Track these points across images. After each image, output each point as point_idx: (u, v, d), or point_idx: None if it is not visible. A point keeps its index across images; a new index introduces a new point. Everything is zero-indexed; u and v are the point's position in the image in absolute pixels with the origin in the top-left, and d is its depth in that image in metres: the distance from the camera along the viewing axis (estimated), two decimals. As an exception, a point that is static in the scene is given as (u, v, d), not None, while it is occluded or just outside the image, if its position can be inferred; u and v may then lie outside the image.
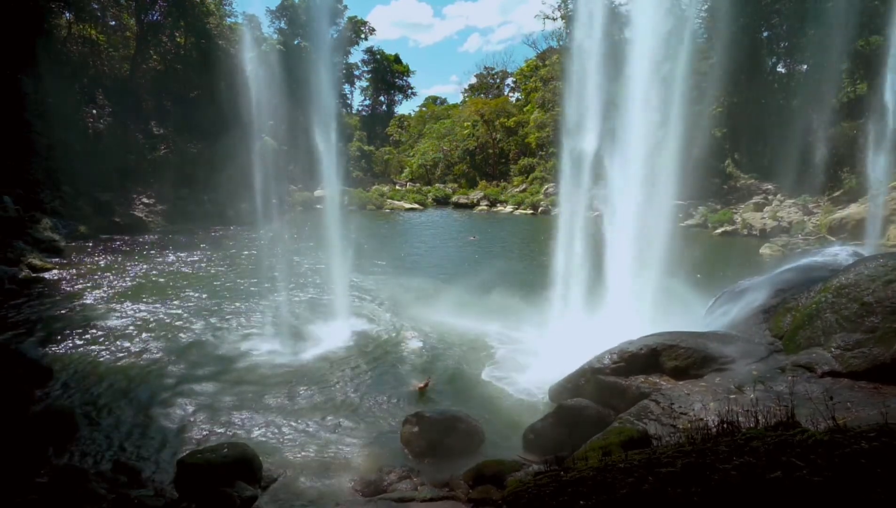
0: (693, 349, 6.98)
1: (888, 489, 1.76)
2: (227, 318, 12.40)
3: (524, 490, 2.80)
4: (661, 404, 5.99)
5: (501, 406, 8.33)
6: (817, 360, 6.01)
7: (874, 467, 2.01)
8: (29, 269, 15.43)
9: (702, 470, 2.25)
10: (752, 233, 26.81)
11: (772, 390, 5.26)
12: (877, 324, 5.74)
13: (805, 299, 7.06)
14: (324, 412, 7.98)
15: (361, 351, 10.52)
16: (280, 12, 46.29)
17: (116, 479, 5.77)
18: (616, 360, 7.40)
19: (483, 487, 5.39)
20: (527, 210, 41.27)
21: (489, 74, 67.66)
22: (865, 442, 2.33)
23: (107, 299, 13.54)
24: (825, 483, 1.94)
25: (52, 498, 4.66)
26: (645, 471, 2.39)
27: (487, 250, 24.31)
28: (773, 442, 2.49)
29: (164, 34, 32.91)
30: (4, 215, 18.67)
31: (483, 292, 14.31)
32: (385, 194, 45.22)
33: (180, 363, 9.73)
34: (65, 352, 9.92)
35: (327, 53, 16.12)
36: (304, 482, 6.12)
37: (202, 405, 8.10)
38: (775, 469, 2.13)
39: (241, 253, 21.07)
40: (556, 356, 9.33)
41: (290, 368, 9.61)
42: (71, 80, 26.75)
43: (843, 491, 1.85)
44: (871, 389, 5.32)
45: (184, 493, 5.49)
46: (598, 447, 4.73)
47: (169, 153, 29.76)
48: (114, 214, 24.66)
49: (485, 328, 11.76)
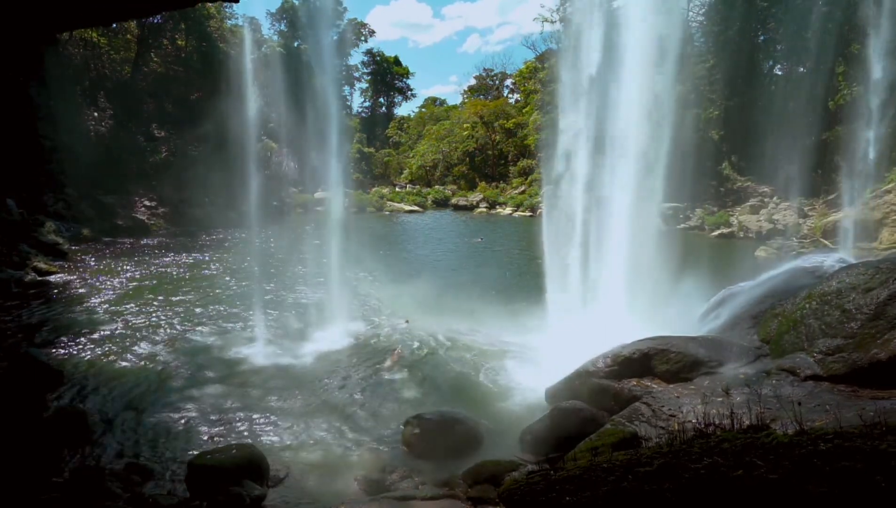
0: (683, 354, 7.25)
1: (828, 483, 2.03)
2: (230, 320, 12.65)
3: (517, 488, 3.07)
4: (651, 406, 6.26)
5: (500, 408, 8.57)
6: (801, 364, 6.29)
7: (824, 466, 2.28)
8: (34, 272, 15.67)
9: (675, 469, 2.52)
10: (749, 235, 27.12)
11: (756, 393, 5.52)
12: (856, 330, 6.03)
13: (791, 305, 7.34)
14: (327, 413, 8.23)
15: (363, 354, 10.77)
16: (280, 15, 46.50)
17: (130, 478, 6.02)
18: (610, 363, 7.66)
19: (481, 486, 5.64)
20: (525, 212, 41.56)
21: (488, 76, 67.97)
22: (823, 444, 2.61)
23: (112, 302, 13.79)
24: (779, 480, 2.21)
25: (73, 496, 4.91)
26: (625, 470, 2.66)
27: (491, 251, 24.59)
28: (741, 444, 2.76)
29: (165, 37, 33.16)
30: (9, 219, 18.90)
31: (483, 293, 14.58)
32: (385, 196, 45.47)
33: (186, 365, 9.98)
34: (73, 355, 10.16)
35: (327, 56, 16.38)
36: (310, 481, 6.38)
37: (209, 407, 8.35)
38: (739, 468, 2.40)
39: (243, 256, 21.30)
40: (553, 358, 9.59)
41: (294, 370, 9.87)
42: (72, 82, 26.98)
43: (792, 487, 2.12)
44: (850, 392, 5.60)
45: (195, 492, 5.74)
46: (590, 447, 5.00)
47: (170, 156, 30.00)
48: (116, 216, 24.90)
49: (485, 331, 12.02)
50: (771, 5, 31.51)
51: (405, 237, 30.48)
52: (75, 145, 24.76)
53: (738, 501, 2.20)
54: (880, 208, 21.51)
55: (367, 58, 64.93)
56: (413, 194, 47.91)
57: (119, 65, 31.48)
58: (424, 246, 26.40)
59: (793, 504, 2.10)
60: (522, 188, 45.75)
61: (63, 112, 24.35)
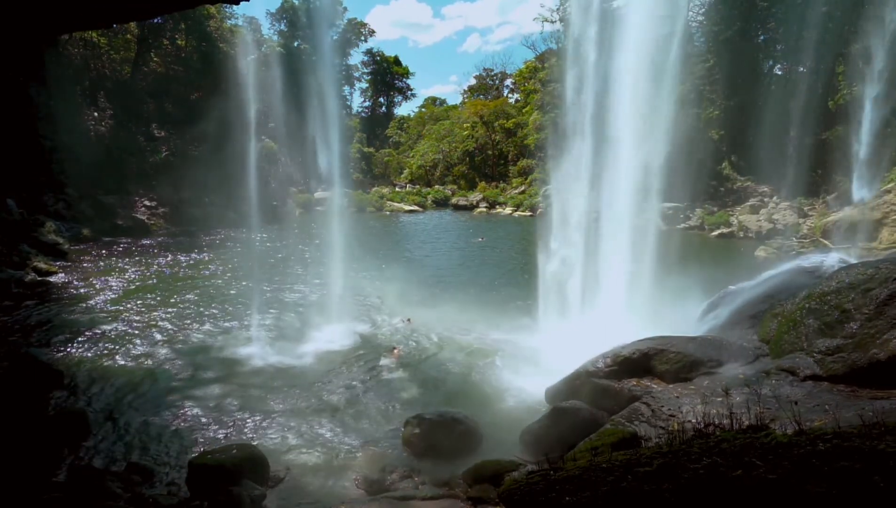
0: (683, 354, 7.26)
1: (826, 483, 2.04)
2: (230, 320, 12.66)
3: (517, 488, 3.07)
4: (651, 406, 6.27)
5: (500, 408, 8.59)
6: (800, 364, 6.30)
7: (823, 466, 2.29)
8: (35, 272, 15.67)
9: (674, 470, 2.53)
10: (748, 235, 27.12)
11: (756, 393, 5.53)
12: (855, 330, 6.04)
13: (790, 305, 7.34)
14: (327, 413, 8.25)
15: (363, 354, 10.78)
16: (280, 15, 46.50)
17: (130, 478, 6.03)
18: (610, 364, 7.67)
19: (481, 486, 5.65)
20: (525, 212, 41.57)
21: (488, 76, 67.98)
22: (822, 444, 2.62)
23: (112, 302, 13.79)
24: (778, 481, 2.22)
25: (73, 496, 4.92)
26: (625, 471, 2.67)
27: (491, 250, 24.61)
28: (740, 444, 2.76)
29: (165, 37, 33.13)
30: (9, 219, 18.91)
31: (484, 292, 14.59)
32: (385, 196, 45.48)
33: (186, 365, 9.99)
34: (74, 355, 10.17)
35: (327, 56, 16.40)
36: (310, 481, 6.39)
37: (209, 407, 8.36)
38: (738, 468, 2.41)
39: (243, 256, 21.31)
40: (554, 358, 9.61)
41: (294, 370, 9.89)
42: (72, 82, 26.98)
43: (791, 487, 2.12)
44: (849, 392, 5.61)
45: (195, 492, 5.75)
46: (589, 447, 5.00)
47: (170, 156, 29.98)
48: (116, 216, 24.89)
49: (485, 331, 12.03)
50: (771, 5, 31.50)
51: (405, 237, 30.49)
52: (75, 145, 24.76)
53: (738, 501, 2.21)
54: (880, 208, 21.51)
55: (367, 58, 64.92)
56: (413, 194, 47.93)
57: (119, 65, 31.48)
58: (424, 246, 26.40)
59: (792, 504, 2.11)
60: (522, 188, 45.78)
61: (63, 112, 24.35)
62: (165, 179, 28.45)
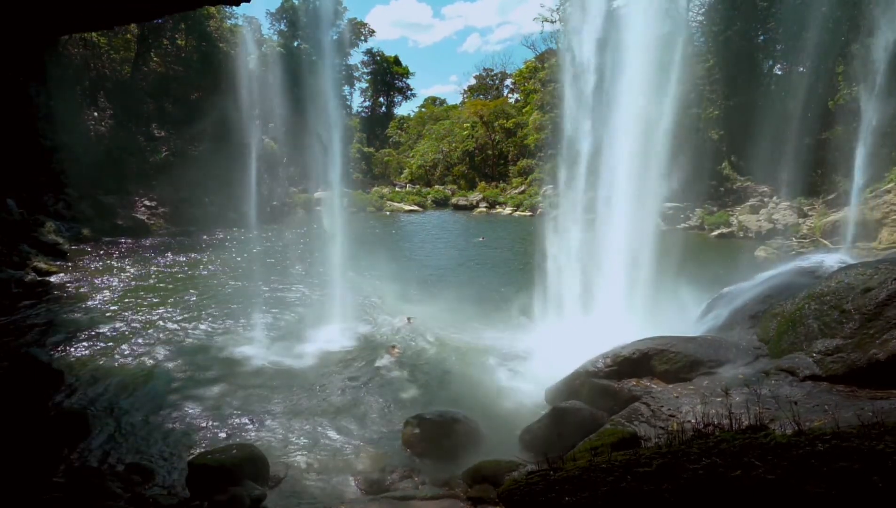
0: (682, 354, 7.26)
1: (825, 483, 2.04)
2: (230, 320, 12.66)
3: (517, 488, 3.08)
4: (651, 406, 6.27)
5: (500, 408, 8.58)
6: (799, 364, 6.31)
7: (822, 466, 2.29)
8: (35, 272, 15.67)
9: (674, 470, 2.53)
10: (748, 235, 27.12)
11: (755, 393, 5.53)
12: (855, 330, 6.04)
13: (790, 305, 7.35)
14: (327, 413, 8.25)
15: (364, 354, 10.79)
16: (280, 15, 46.47)
17: (130, 479, 6.04)
18: (609, 364, 7.68)
19: (481, 486, 5.65)
20: (525, 212, 41.56)
21: (488, 76, 67.97)
22: (821, 444, 2.62)
23: (112, 302, 13.80)
24: (777, 481, 2.22)
25: (74, 496, 4.92)
26: (624, 471, 2.67)
27: (491, 250, 24.62)
28: (739, 444, 2.77)
29: (165, 36, 33.12)
30: (9, 219, 18.91)
31: (484, 292, 14.59)
32: (385, 196, 45.47)
33: (186, 365, 10.00)
34: (74, 355, 10.18)
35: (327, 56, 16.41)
36: (310, 481, 6.40)
37: (209, 407, 8.37)
38: (737, 469, 2.41)
39: (242, 256, 21.32)
40: (553, 358, 9.61)
41: (294, 370, 9.89)
42: (72, 82, 26.98)
43: (790, 487, 2.13)
44: (848, 392, 5.61)
45: (195, 492, 5.76)
46: (589, 447, 5.00)
47: (170, 156, 29.98)
48: (116, 216, 24.90)
49: (485, 331, 12.04)
50: (771, 5, 31.50)
51: (405, 237, 30.49)
52: (75, 145, 24.78)
53: (737, 501, 2.21)
54: (880, 208, 21.52)
55: (367, 57, 64.87)
56: (413, 194, 47.91)
57: (119, 65, 31.47)
58: (424, 246, 26.41)
59: (791, 504, 2.11)
60: (522, 188, 45.77)
61: (63, 112, 24.37)
62: (165, 179, 28.45)
